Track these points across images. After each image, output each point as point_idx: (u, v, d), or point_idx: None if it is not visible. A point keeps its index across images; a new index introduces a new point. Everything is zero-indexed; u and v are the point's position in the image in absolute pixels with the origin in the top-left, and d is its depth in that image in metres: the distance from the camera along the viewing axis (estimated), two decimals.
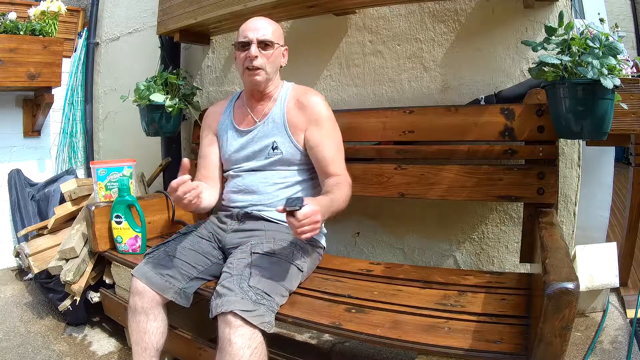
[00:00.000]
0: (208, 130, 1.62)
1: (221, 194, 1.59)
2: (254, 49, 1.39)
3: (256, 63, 1.40)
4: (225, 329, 1.08)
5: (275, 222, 1.43)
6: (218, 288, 1.18)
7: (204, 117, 1.67)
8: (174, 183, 1.23)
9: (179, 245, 1.42)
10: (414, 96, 1.77)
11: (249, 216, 1.46)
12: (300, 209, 1.09)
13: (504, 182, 1.44)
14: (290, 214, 1.10)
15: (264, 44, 1.41)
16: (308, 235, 1.11)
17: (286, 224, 1.41)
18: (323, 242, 1.53)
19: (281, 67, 1.51)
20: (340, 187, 1.36)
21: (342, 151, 1.48)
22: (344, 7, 1.78)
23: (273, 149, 1.45)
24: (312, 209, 1.11)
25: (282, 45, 1.49)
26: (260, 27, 1.42)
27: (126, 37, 2.90)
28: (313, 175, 1.51)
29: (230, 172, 1.54)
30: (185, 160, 1.27)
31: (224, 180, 1.61)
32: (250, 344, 1.07)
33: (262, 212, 1.45)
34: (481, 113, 1.48)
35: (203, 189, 1.41)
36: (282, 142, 1.45)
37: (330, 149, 1.43)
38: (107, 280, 1.82)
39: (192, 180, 1.55)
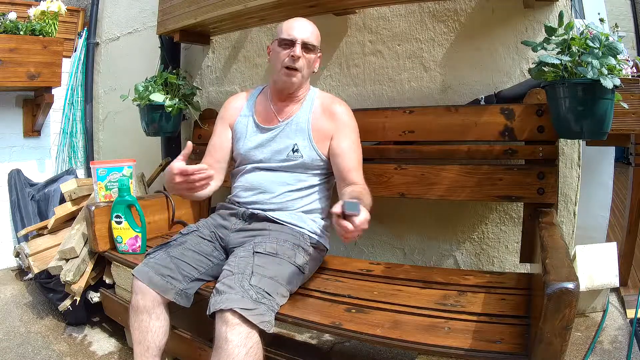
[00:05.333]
0: (224, 122, 1.58)
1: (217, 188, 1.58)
2: (298, 50, 1.39)
3: (298, 65, 1.40)
4: (223, 327, 1.08)
5: (280, 223, 1.43)
6: (218, 285, 1.18)
7: (223, 106, 1.63)
8: (189, 169, 1.22)
9: (180, 246, 1.41)
10: (414, 96, 1.77)
11: (255, 217, 1.46)
12: (359, 214, 1.07)
13: (504, 182, 1.44)
14: (345, 217, 1.07)
15: (307, 47, 1.42)
16: (351, 240, 1.10)
17: (290, 225, 1.42)
18: (326, 244, 1.53)
19: (313, 72, 1.51)
20: (368, 195, 1.34)
21: (362, 161, 1.49)
22: (344, 7, 1.78)
23: (293, 151, 1.45)
24: (367, 216, 1.09)
25: (319, 51, 1.49)
26: (306, 29, 1.43)
27: (126, 37, 2.90)
28: (324, 180, 1.51)
29: (244, 167, 1.52)
30: (190, 144, 1.29)
31: (226, 175, 1.60)
32: (247, 342, 1.07)
33: (268, 212, 1.44)
34: (481, 113, 1.48)
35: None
36: (303, 146, 1.45)
37: (354, 158, 1.45)
38: (107, 280, 1.82)
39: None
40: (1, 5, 2.63)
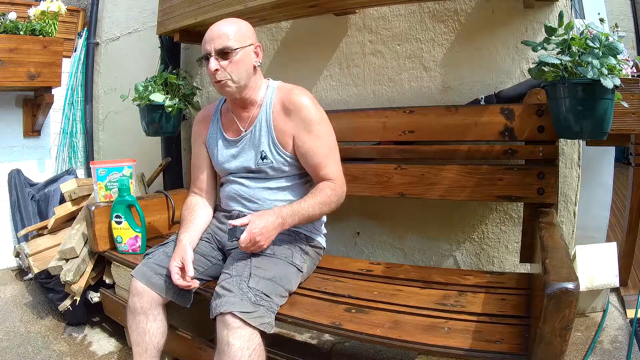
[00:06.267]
0: (197, 140, 1.56)
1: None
2: (212, 63, 1.30)
3: (218, 77, 1.32)
4: (224, 330, 1.08)
5: None
6: (217, 289, 1.18)
7: (193, 124, 1.60)
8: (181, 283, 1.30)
9: None
10: (414, 96, 1.77)
11: None
12: (239, 239, 1.21)
13: (504, 182, 1.44)
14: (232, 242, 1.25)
15: (222, 53, 1.31)
16: (257, 250, 1.26)
17: None
18: (323, 242, 1.53)
19: (255, 67, 1.39)
20: (317, 193, 1.33)
21: (335, 153, 1.40)
22: (344, 7, 1.78)
23: (262, 158, 1.40)
24: (251, 232, 1.21)
25: (249, 45, 1.35)
26: (216, 36, 1.31)
27: (126, 37, 2.90)
28: (307, 176, 1.47)
29: (226, 178, 1.51)
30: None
31: (219, 184, 1.61)
32: (249, 345, 1.07)
33: None
34: (481, 113, 1.48)
35: (197, 230, 1.45)
36: (270, 151, 1.39)
37: (321, 153, 1.36)
38: (107, 280, 1.82)
39: (189, 189, 1.61)
40: (1, 5, 2.63)
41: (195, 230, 1.44)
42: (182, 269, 1.30)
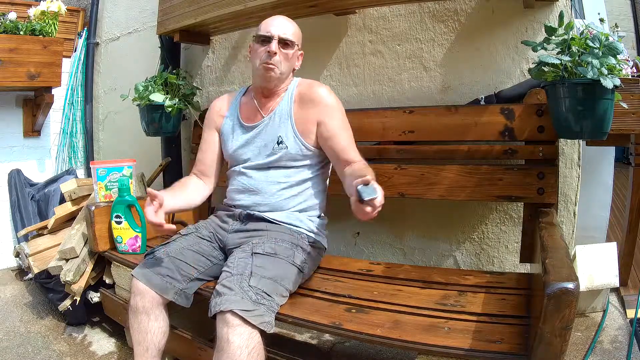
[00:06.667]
0: (211, 125, 1.59)
1: (214, 191, 1.59)
2: (274, 45, 1.38)
3: (274, 60, 1.39)
4: (224, 328, 1.08)
5: (277, 224, 1.43)
6: (218, 287, 1.18)
7: (208, 109, 1.64)
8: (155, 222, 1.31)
9: (179, 246, 1.41)
10: (414, 96, 1.77)
11: (251, 217, 1.45)
12: (377, 196, 1.07)
13: (504, 182, 1.44)
14: (364, 202, 1.07)
15: (285, 43, 1.41)
16: (373, 217, 1.11)
17: (287, 225, 1.42)
18: (324, 243, 1.53)
19: (294, 70, 1.50)
20: (363, 169, 1.33)
21: (353, 139, 1.47)
22: (344, 7, 1.78)
23: (278, 143, 1.44)
24: (382, 192, 1.10)
25: (298, 49, 1.48)
26: (283, 25, 1.43)
27: (126, 37, 2.90)
28: (316, 173, 1.50)
29: (234, 169, 1.52)
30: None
31: (220, 177, 1.61)
32: (249, 343, 1.07)
33: (265, 213, 1.44)
34: (481, 113, 1.48)
35: (177, 193, 1.47)
36: (287, 136, 1.44)
37: (345, 137, 1.43)
38: (107, 280, 1.82)
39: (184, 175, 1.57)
40: (1, 5, 2.63)
41: (176, 196, 1.47)
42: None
